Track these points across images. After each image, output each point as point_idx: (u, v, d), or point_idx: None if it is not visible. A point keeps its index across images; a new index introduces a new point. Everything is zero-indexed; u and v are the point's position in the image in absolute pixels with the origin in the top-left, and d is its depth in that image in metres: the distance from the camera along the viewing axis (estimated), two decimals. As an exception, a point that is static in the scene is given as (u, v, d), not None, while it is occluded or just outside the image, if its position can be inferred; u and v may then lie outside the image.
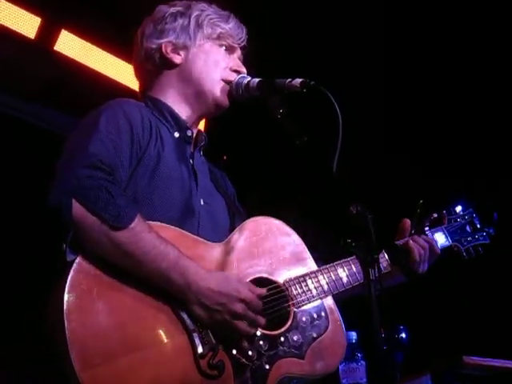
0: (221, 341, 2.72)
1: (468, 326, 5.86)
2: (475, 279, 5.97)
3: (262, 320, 2.79)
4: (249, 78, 3.13)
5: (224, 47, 3.24)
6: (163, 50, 3.18)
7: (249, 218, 3.12)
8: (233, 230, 3.08)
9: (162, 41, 3.19)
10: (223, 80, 3.18)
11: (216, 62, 3.21)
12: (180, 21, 3.21)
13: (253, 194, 3.39)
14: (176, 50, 3.19)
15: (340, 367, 4.18)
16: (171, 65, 3.19)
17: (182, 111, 3.18)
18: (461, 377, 4.19)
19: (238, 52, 3.30)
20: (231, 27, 3.26)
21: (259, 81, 3.06)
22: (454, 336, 5.78)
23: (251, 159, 5.87)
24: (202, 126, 4.02)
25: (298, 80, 2.87)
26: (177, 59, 3.19)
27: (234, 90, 3.15)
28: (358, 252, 2.95)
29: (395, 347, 4.18)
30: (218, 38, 3.23)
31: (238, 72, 3.21)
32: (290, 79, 2.90)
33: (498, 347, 4.76)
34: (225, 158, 3.44)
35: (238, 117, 3.47)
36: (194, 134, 3.21)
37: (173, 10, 3.24)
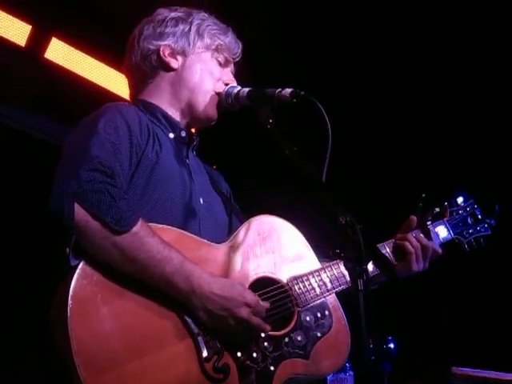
0: (225, 344, 2.72)
1: (457, 337, 5.86)
2: (464, 290, 5.98)
3: (266, 327, 2.79)
4: (239, 88, 3.13)
5: (220, 59, 3.26)
6: (161, 53, 3.19)
7: (245, 216, 3.12)
8: (231, 228, 3.11)
9: (160, 43, 3.20)
10: (215, 92, 3.19)
11: (211, 72, 3.22)
12: (181, 26, 3.23)
13: (239, 203, 3.37)
14: (174, 54, 3.21)
15: (328, 378, 4.19)
16: (167, 68, 3.20)
17: (175, 114, 3.19)
18: (449, 388, 4.20)
19: (232, 66, 3.33)
20: (229, 41, 3.29)
21: (249, 90, 3.06)
22: (442, 347, 5.78)
23: (241, 168, 5.89)
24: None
25: (288, 90, 2.87)
26: (174, 63, 3.20)
27: (223, 100, 3.16)
28: (347, 263, 2.97)
29: (383, 358, 4.18)
30: (216, 49, 3.25)
31: None
32: (280, 89, 2.89)
33: (487, 358, 4.77)
34: (214, 167, 3.42)
35: (227, 126, 3.46)
36: (188, 135, 3.21)
37: (174, 14, 3.26)
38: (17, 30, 5.09)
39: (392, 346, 4.30)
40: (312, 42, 5.79)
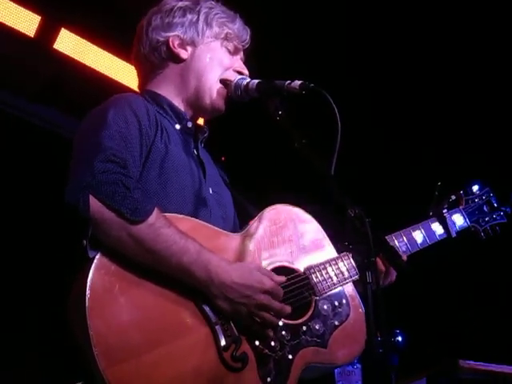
0: (244, 332, 2.73)
1: (464, 331, 5.86)
2: (472, 283, 5.98)
3: (286, 309, 2.80)
4: (248, 80, 3.11)
5: (229, 48, 3.25)
6: (170, 44, 3.18)
7: (255, 208, 3.13)
8: (239, 220, 3.13)
9: (169, 34, 3.18)
10: (222, 80, 3.17)
11: (220, 61, 3.21)
12: (189, 16, 3.21)
13: (249, 196, 3.38)
14: (183, 44, 3.19)
15: (336, 370, 4.19)
16: (177, 59, 3.19)
17: (181, 105, 3.18)
18: (456, 381, 4.20)
19: (241, 54, 3.32)
20: (237, 28, 3.27)
21: (258, 82, 3.05)
22: (449, 340, 5.78)
23: (249, 161, 5.90)
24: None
25: (298, 82, 2.87)
26: (183, 54, 3.19)
27: (232, 92, 3.14)
28: (356, 255, 2.97)
29: (391, 350, 4.17)
30: (226, 38, 3.24)
31: (240, 73, 3.21)
32: (289, 81, 2.89)
33: (494, 351, 4.76)
34: (223, 159, 3.43)
35: (236, 118, 3.46)
36: (194, 127, 3.20)
37: (181, 4, 3.24)
38: (26, 21, 5.08)
39: (400, 339, 4.29)
40: (316, 38, 5.79)
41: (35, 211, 5.00)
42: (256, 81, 3.07)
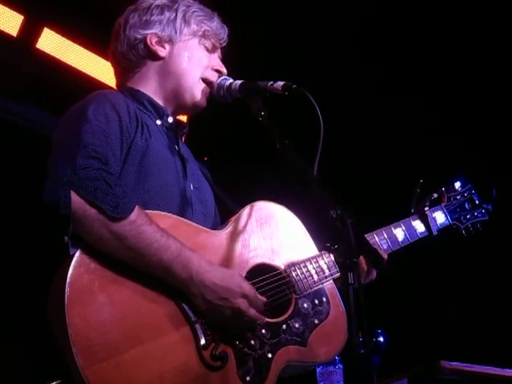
0: (223, 332, 2.73)
1: (446, 331, 5.88)
2: (454, 284, 6.00)
3: (262, 318, 2.81)
4: (231, 80, 3.13)
5: (207, 45, 3.25)
6: (148, 42, 3.18)
7: (237, 204, 3.13)
8: (220, 216, 3.14)
9: (147, 32, 3.19)
10: (204, 79, 3.19)
11: (199, 60, 3.22)
12: (167, 14, 3.21)
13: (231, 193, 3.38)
14: (161, 42, 3.20)
15: (317, 370, 4.19)
16: (155, 57, 3.19)
17: (161, 101, 3.18)
18: (438, 381, 4.20)
19: (219, 52, 3.33)
20: (215, 26, 3.28)
21: (241, 83, 3.06)
22: (431, 340, 5.80)
23: (232, 159, 5.90)
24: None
25: (280, 83, 2.88)
26: (161, 52, 3.19)
27: (215, 92, 3.16)
28: (337, 256, 2.98)
29: (372, 351, 4.19)
30: (203, 35, 3.24)
31: (219, 72, 3.23)
32: (272, 82, 2.91)
33: (476, 352, 4.78)
34: (206, 159, 3.42)
35: (219, 118, 3.46)
36: (175, 122, 3.20)
37: (159, 1, 3.24)
38: (9, 20, 5.06)
39: (381, 339, 4.30)
40: (299, 39, 5.80)
41: (20, 211, 4.98)
42: (239, 81, 3.08)
